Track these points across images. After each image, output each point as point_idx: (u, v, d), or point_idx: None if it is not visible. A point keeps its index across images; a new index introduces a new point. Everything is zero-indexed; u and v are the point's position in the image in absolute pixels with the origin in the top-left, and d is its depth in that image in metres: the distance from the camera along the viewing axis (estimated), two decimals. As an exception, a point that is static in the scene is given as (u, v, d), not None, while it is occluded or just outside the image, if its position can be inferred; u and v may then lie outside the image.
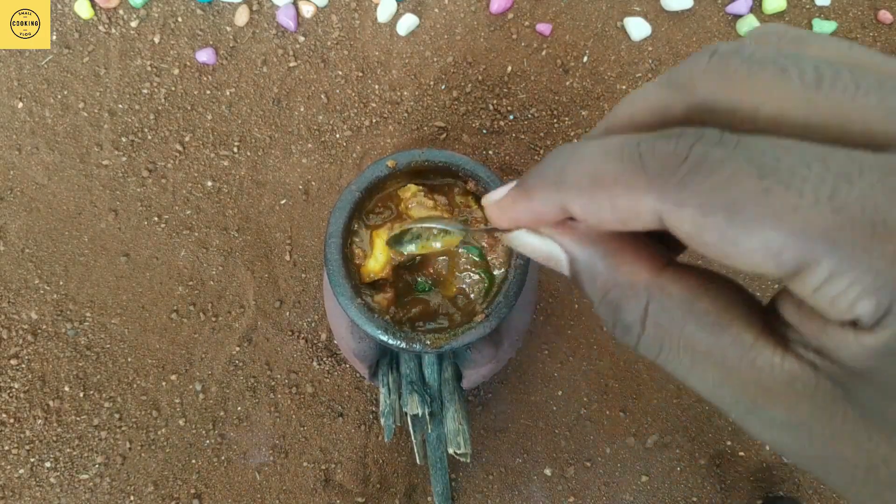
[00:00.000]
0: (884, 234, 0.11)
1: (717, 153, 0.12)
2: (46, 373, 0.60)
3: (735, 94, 0.13)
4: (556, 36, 0.67)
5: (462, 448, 0.46)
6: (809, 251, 0.12)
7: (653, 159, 0.13)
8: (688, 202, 0.12)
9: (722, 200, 0.12)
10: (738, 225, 0.12)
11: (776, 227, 0.12)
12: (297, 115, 0.65)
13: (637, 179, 0.13)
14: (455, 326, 0.41)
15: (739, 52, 0.13)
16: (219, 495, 0.58)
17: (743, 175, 0.12)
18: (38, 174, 0.64)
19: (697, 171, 0.12)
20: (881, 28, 0.67)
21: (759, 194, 0.12)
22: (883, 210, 0.11)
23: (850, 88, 0.12)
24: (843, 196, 0.11)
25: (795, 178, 0.12)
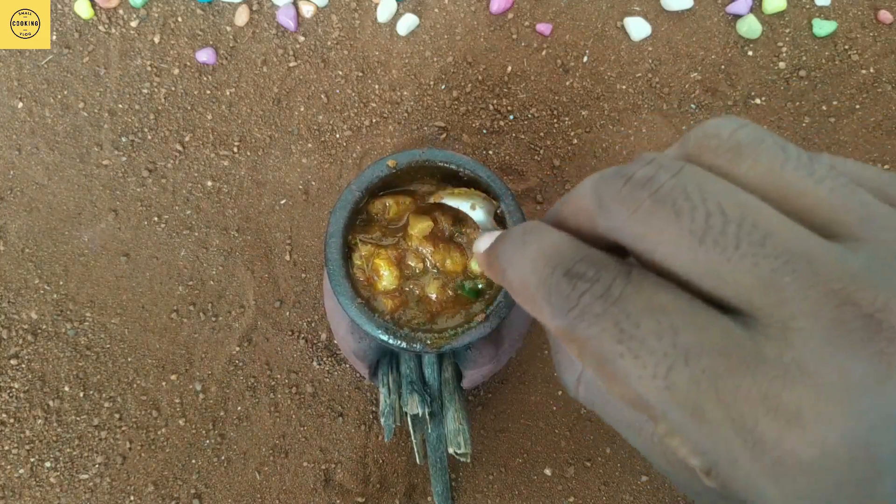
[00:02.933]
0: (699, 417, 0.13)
1: (595, 308, 0.14)
2: (46, 373, 0.60)
3: (636, 229, 0.14)
4: (556, 36, 0.67)
5: (462, 448, 0.46)
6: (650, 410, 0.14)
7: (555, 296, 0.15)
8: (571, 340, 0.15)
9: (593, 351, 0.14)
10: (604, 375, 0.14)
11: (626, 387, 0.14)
12: (297, 115, 0.65)
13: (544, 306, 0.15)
14: (455, 326, 0.41)
15: (650, 183, 0.14)
16: (219, 495, 0.58)
17: (608, 336, 0.14)
18: (38, 174, 0.64)
19: (580, 319, 0.14)
20: (881, 28, 0.67)
21: (616, 357, 0.14)
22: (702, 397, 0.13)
23: (729, 248, 0.13)
24: (674, 376, 0.13)
25: (643, 350, 0.13)
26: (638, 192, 0.14)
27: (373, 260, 0.42)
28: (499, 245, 0.18)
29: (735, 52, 0.67)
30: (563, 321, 0.15)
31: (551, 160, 0.65)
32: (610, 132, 0.65)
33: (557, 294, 0.15)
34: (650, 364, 0.13)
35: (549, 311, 0.15)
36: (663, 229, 0.14)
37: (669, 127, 0.65)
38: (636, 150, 0.65)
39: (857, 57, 0.66)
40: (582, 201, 0.16)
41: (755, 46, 0.67)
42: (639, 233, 0.14)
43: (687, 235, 0.14)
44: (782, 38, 0.67)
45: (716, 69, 0.66)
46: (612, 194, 0.15)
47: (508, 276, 0.17)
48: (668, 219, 0.14)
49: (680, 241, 0.14)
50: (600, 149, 0.65)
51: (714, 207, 0.14)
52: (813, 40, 0.67)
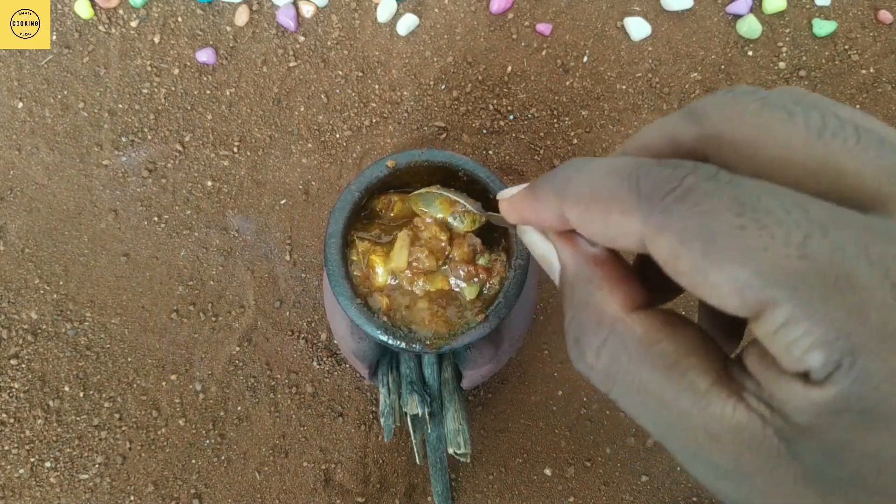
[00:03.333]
0: (845, 286, 0.11)
1: (705, 186, 0.13)
2: (46, 373, 0.60)
3: (742, 130, 0.14)
4: (556, 36, 0.67)
5: (462, 448, 0.46)
6: (771, 293, 0.12)
7: (647, 183, 0.13)
8: (668, 228, 0.13)
9: (699, 231, 0.12)
10: (710, 257, 0.12)
11: (743, 264, 0.12)
12: (297, 115, 0.65)
13: (629, 199, 0.14)
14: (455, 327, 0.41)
15: (755, 92, 0.14)
16: (219, 495, 0.58)
17: (723, 209, 0.12)
18: (38, 174, 0.64)
19: (683, 200, 0.13)
20: (881, 28, 0.67)
21: (734, 230, 0.12)
22: (849, 264, 0.11)
23: (850, 141, 0.13)
24: (813, 244, 0.12)
25: (771, 220, 0.12)
26: (744, 97, 0.14)
27: (368, 256, 0.42)
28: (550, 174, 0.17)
29: (735, 52, 0.67)
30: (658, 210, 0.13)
31: (551, 160, 0.65)
32: (610, 132, 0.65)
33: (650, 178, 0.13)
34: (780, 234, 0.12)
35: (634, 205, 0.13)
36: (776, 128, 0.13)
37: (669, 127, 0.65)
38: (636, 150, 0.65)
39: (857, 57, 0.66)
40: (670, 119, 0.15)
41: (755, 46, 0.67)
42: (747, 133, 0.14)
43: (803, 131, 0.13)
44: (782, 38, 0.67)
45: (716, 69, 0.66)
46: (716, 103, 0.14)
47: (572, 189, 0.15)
48: (781, 118, 0.13)
49: (796, 136, 0.13)
50: (600, 149, 0.65)
51: (827, 110, 0.13)
52: (813, 40, 0.67)
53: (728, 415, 0.13)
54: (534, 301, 0.51)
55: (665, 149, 0.15)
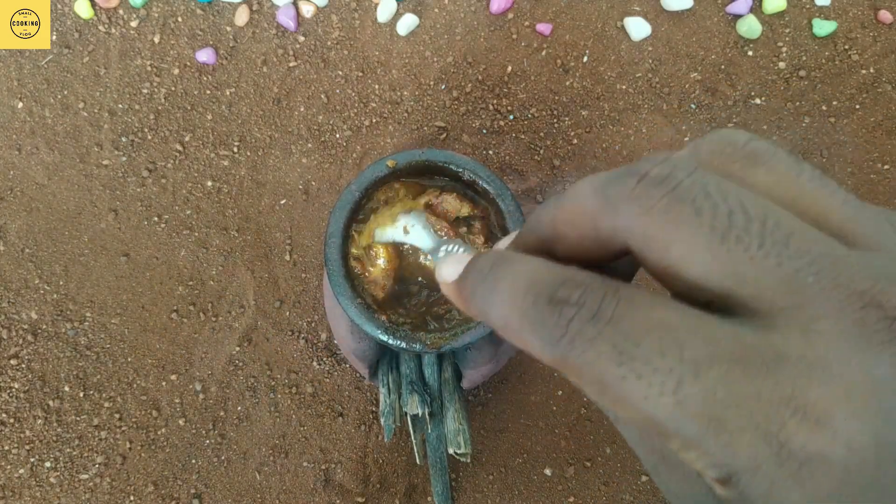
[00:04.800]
0: (717, 428, 0.12)
1: (587, 332, 0.14)
2: (46, 373, 0.60)
3: (651, 228, 0.14)
4: (556, 36, 0.67)
5: (462, 448, 0.46)
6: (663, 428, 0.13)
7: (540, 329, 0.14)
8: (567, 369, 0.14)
9: (591, 377, 0.14)
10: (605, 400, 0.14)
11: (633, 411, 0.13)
12: (297, 115, 0.65)
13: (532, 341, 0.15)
14: (455, 326, 0.41)
15: (666, 181, 0.14)
16: (219, 495, 0.58)
17: (606, 360, 0.13)
18: (38, 174, 0.64)
19: (571, 347, 0.14)
20: (881, 28, 0.67)
21: (618, 380, 0.13)
22: (718, 407, 0.12)
23: (752, 246, 0.13)
24: (685, 390, 0.12)
25: (647, 369, 0.13)
26: (653, 189, 0.14)
27: (373, 247, 0.42)
28: (468, 282, 0.17)
29: (735, 52, 0.67)
30: (555, 352, 0.14)
31: (551, 160, 0.65)
32: (610, 132, 0.65)
33: (543, 325, 0.14)
34: (656, 383, 0.13)
35: (538, 345, 0.14)
36: (681, 227, 0.14)
37: (669, 127, 0.65)
38: (636, 150, 0.65)
39: (857, 57, 0.66)
40: (581, 203, 0.16)
41: (755, 46, 0.67)
42: (651, 232, 0.14)
43: (707, 233, 0.13)
44: (782, 38, 0.67)
45: (716, 69, 0.66)
46: (622, 193, 0.14)
47: (490, 317, 0.16)
48: (687, 217, 0.13)
49: (699, 239, 0.13)
50: (600, 149, 0.65)
51: (736, 206, 0.13)
52: (813, 40, 0.67)
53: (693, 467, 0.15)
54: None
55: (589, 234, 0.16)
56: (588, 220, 0.15)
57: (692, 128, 0.65)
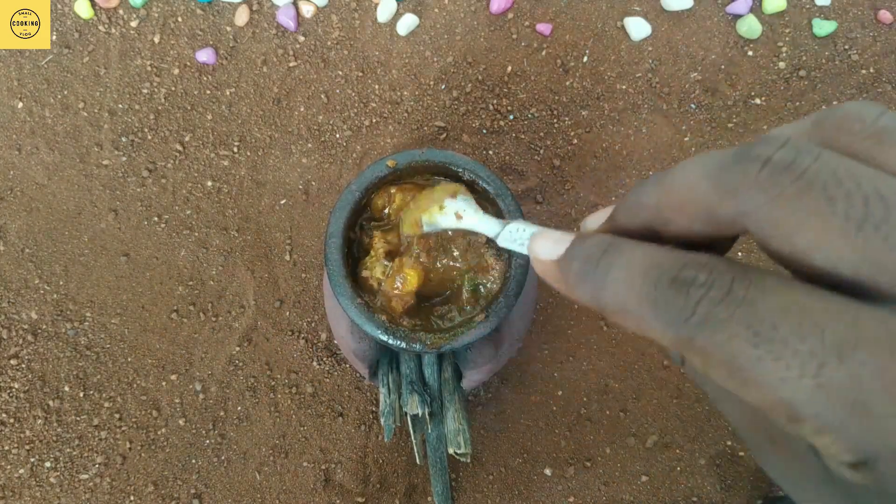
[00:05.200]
0: (861, 412, 0.12)
1: (719, 313, 0.13)
2: (46, 373, 0.60)
3: (778, 214, 0.13)
4: (556, 36, 0.67)
5: (462, 448, 0.46)
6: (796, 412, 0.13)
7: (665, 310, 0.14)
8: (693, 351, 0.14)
9: (721, 359, 0.13)
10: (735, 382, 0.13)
11: (766, 392, 0.13)
12: (297, 115, 0.65)
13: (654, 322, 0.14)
14: (455, 326, 0.41)
15: (793, 167, 0.13)
16: (219, 495, 0.58)
17: (740, 341, 0.13)
18: (38, 174, 0.64)
19: (701, 328, 0.13)
20: (881, 28, 0.67)
21: (753, 361, 0.13)
22: (865, 393, 0.12)
23: (892, 237, 0.12)
24: (827, 374, 0.12)
25: (786, 351, 0.12)
26: (780, 176, 0.13)
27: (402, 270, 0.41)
28: (575, 266, 0.17)
29: (735, 52, 0.67)
30: (681, 332, 0.14)
31: (551, 160, 0.65)
32: (610, 132, 0.65)
33: (667, 306, 0.14)
34: (795, 365, 0.12)
35: (660, 327, 0.14)
36: (813, 215, 0.13)
37: (669, 127, 0.65)
38: (636, 149, 0.65)
39: (857, 57, 0.66)
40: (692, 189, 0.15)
41: (755, 46, 0.67)
42: (780, 219, 0.13)
43: (842, 221, 0.13)
44: (782, 38, 0.67)
45: (716, 69, 0.66)
46: (744, 179, 0.14)
47: (603, 301, 0.16)
48: (819, 204, 0.13)
49: (833, 228, 0.13)
50: (600, 149, 0.65)
51: (871, 192, 0.13)
52: (813, 40, 0.67)
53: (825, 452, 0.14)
54: (534, 301, 0.51)
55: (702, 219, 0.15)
56: (702, 206, 0.15)
57: (692, 128, 0.65)
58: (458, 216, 0.37)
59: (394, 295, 0.41)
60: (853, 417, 0.12)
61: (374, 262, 0.42)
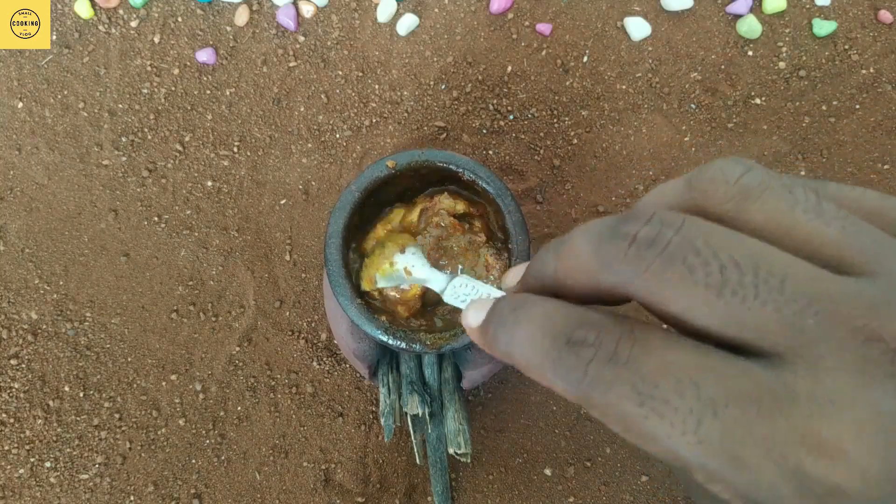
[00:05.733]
0: (739, 466, 0.13)
1: (606, 375, 0.14)
2: (46, 373, 0.60)
3: (648, 286, 0.14)
4: (556, 36, 0.67)
5: (462, 448, 0.46)
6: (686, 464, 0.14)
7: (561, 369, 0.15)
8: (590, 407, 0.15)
9: (615, 416, 0.14)
10: (632, 436, 0.14)
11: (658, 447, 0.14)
12: (297, 115, 0.65)
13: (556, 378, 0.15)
14: (455, 326, 0.41)
15: (655, 243, 0.14)
16: (219, 495, 0.58)
17: (626, 400, 0.14)
18: (38, 174, 0.64)
19: (593, 387, 0.14)
20: (881, 28, 0.67)
21: (640, 419, 0.14)
22: (738, 445, 0.13)
23: (749, 298, 0.13)
24: (705, 430, 0.13)
25: (667, 409, 0.13)
26: (644, 251, 0.14)
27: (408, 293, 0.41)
28: (490, 325, 0.18)
29: (735, 52, 0.67)
30: (578, 391, 0.14)
31: (551, 160, 0.65)
32: (610, 132, 0.65)
33: (563, 366, 0.15)
34: (677, 422, 0.13)
35: (560, 385, 0.15)
36: (677, 286, 0.14)
37: (669, 127, 0.65)
38: (636, 150, 0.65)
39: (857, 57, 0.66)
40: (579, 260, 0.16)
41: (755, 46, 0.67)
42: (651, 290, 0.14)
43: (703, 290, 0.14)
44: (782, 38, 0.67)
45: (716, 69, 0.66)
46: (616, 255, 0.15)
47: (514, 358, 0.16)
48: (681, 276, 0.14)
49: (696, 295, 0.14)
50: (600, 149, 0.65)
51: (726, 259, 0.14)
52: (813, 40, 0.67)
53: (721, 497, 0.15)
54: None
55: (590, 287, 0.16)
56: (588, 277, 0.16)
57: (692, 128, 0.65)
58: (407, 272, 0.38)
59: (398, 301, 0.41)
60: (732, 469, 0.13)
61: None
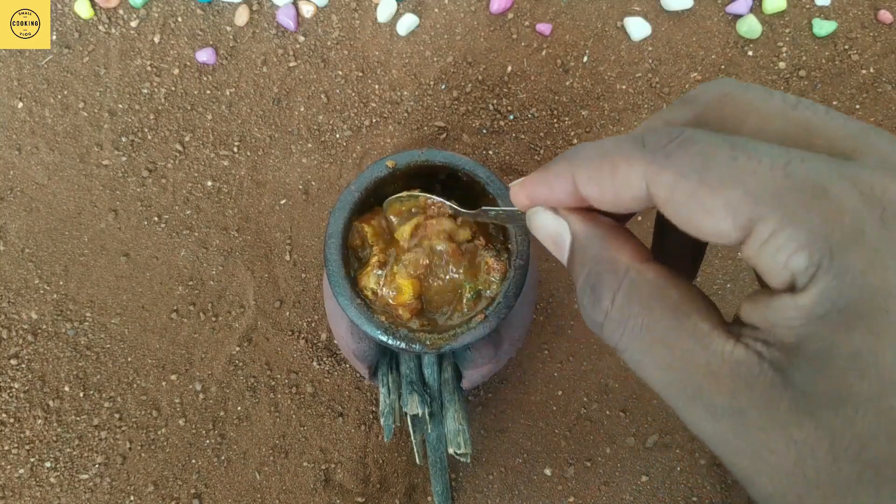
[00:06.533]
0: (822, 197, 0.13)
1: (701, 135, 0.15)
2: (46, 373, 0.60)
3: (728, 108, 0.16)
4: (556, 36, 0.67)
5: (462, 448, 0.46)
6: (759, 210, 0.14)
7: (651, 138, 0.16)
8: (669, 166, 0.15)
9: (697, 164, 0.15)
10: (706, 184, 0.14)
11: (735, 187, 0.14)
12: (297, 115, 0.65)
13: (634, 153, 0.16)
14: (455, 326, 0.41)
15: (736, 81, 0.17)
16: (219, 495, 0.58)
17: (718, 148, 0.14)
18: (38, 174, 0.64)
19: (682, 145, 0.15)
20: (881, 28, 0.67)
21: (728, 161, 0.14)
22: (824, 179, 0.13)
23: (820, 112, 0.15)
24: (795, 165, 0.14)
25: (759, 152, 0.14)
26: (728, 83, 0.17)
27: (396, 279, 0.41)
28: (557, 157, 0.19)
29: (735, 52, 0.67)
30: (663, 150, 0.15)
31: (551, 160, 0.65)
32: (610, 132, 0.65)
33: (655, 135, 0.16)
34: (767, 159, 0.14)
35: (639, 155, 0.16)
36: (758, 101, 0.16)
37: (669, 127, 0.65)
38: (636, 150, 0.65)
39: (857, 57, 0.66)
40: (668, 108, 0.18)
41: (755, 46, 0.67)
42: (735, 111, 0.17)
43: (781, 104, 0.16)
44: (782, 38, 0.67)
45: (716, 69, 0.66)
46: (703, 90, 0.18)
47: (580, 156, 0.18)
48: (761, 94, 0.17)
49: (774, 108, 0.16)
50: (600, 149, 0.65)
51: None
52: (813, 40, 0.67)
53: (728, 352, 0.15)
54: (534, 301, 0.51)
55: None
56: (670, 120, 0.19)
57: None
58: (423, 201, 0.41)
59: (396, 304, 0.41)
60: (814, 203, 0.13)
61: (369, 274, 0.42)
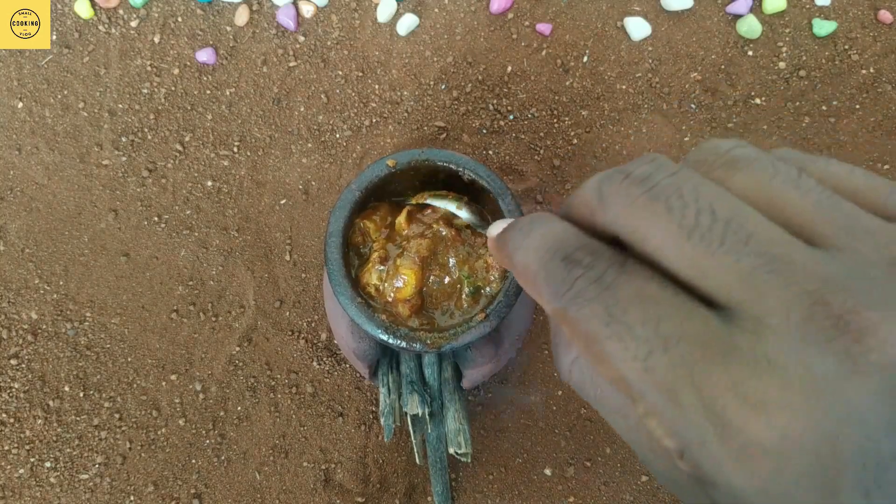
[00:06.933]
0: (674, 399, 0.14)
1: (588, 292, 0.15)
2: (46, 373, 0.60)
3: (631, 221, 0.16)
4: (556, 36, 0.67)
5: (462, 448, 0.46)
6: (630, 390, 0.15)
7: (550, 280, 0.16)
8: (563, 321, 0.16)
9: (582, 333, 0.15)
10: (591, 355, 0.15)
11: (611, 368, 0.15)
12: (297, 115, 0.65)
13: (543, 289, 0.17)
14: (455, 326, 0.41)
15: (646, 180, 0.16)
16: (219, 495, 0.58)
17: (598, 319, 0.15)
18: (38, 174, 0.64)
19: (573, 302, 0.16)
20: (881, 28, 0.67)
21: (604, 339, 0.15)
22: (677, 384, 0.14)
23: (713, 244, 0.14)
24: (654, 361, 0.14)
25: (628, 335, 0.14)
26: (635, 187, 0.16)
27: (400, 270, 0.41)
28: (508, 232, 0.19)
29: (735, 52, 0.67)
30: (559, 303, 0.16)
31: (551, 160, 0.65)
32: (610, 132, 0.65)
33: (554, 277, 0.16)
34: (632, 348, 0.14)
35: (546, 293, 0.16)
36: (655, 223, 0.15)
37: (669, 127, 0.65)
38: (636, 150, 0.65)
39: (857, 57, 0.66)
40: (585, 196, 0.17)
41: (755, 46, 0.67)
42: (632, 225, 0.16)
43: (676, 229, 0.15)
44: (782, 38, 0.67)
45: (716, 69, 0.66)
46: (611, 189, 0.16)
47: (514, 259, 0.18)
48: (660, 213, 0.15)
49: (669, 234, 0.15)
50: (600, 149, 0.65)
51: (704, 206, 0.15)
52: (813, 40, 0.67)
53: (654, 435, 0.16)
54: (534, 301, 0.51)
55: (590, 224, 0.18)
56: (588, 211, 0.17)
57: (692, 128, 0.65)
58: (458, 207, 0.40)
59: (397, 300, 0.41)
60: (669, 404, 0.14)
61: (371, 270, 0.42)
